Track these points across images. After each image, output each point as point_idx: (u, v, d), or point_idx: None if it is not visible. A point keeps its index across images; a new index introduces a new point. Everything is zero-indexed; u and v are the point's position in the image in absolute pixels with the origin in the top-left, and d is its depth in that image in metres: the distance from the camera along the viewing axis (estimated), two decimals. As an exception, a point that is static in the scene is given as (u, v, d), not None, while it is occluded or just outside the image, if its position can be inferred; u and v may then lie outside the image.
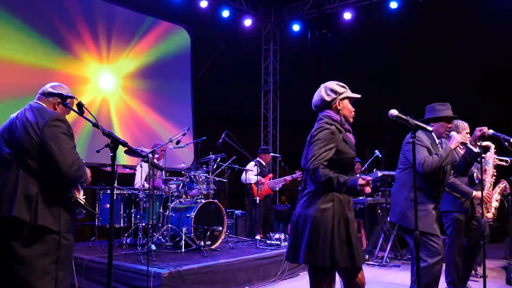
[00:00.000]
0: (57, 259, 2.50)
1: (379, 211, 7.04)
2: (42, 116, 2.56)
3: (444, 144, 3.66)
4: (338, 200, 2.62)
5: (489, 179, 4.46)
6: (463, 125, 4.49)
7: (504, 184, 4.74)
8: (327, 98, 2.81)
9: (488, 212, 4.49)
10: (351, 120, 2.84)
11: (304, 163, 2.71)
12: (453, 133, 3.58)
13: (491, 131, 4.15)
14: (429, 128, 2.98)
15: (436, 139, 3.64)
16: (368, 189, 2.45)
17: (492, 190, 4.52)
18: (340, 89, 2.82)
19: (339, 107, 2.80)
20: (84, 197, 2.73)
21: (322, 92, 2.85)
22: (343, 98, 2.81)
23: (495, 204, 4.56)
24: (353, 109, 2.85)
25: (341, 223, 2.59)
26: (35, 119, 2.55)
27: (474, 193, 4.33)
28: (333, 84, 2.85)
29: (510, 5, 8.62)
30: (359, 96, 2.86)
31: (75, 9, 7.98)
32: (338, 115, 2.79)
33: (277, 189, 7.82)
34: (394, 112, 2.91)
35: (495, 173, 4.57)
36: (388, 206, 6.61)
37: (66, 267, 2.58)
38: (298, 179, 7.18)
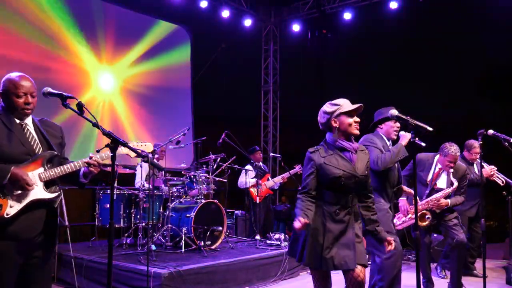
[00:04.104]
0: None
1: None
2: None
3: (390, 146, 3.89)
4: (321, 210, 2.81)
5: (438, 195, 4.55)
6: (448, 150, 4.60)
7: (428, 220, 4.66)
8: (322, 120, 2.91)
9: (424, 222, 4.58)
10: (355, 131, 2.85)
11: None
12: (402, 132, 3.79)
13: (491, 131, 4.18)
14: (429, 128, 2.98)
15: (387, 141, 3.87)
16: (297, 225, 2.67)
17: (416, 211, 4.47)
18: (331, 108, 2.86)
19: (335, 125, 2.84)
20: (19, 206, 2.47)
21: (319, 116, 2.95)
22: (337, 115, 2.84)
23: (404, 218, 4.57)
24: (355, 120, 2.84)
25: (319, 230, 2.78)
26: None
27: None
28: (325, 106, 2.91)
29: (511, 5, 8.61)
30: (355, 106, 2.83)
31: (74, 9, 7.97)
32: (336, 135, 2.85)
33: (276, 187, 7.78)
34: (394, 112, 2.93)
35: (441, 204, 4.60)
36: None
37: None
38: (298, 173, 7.14)
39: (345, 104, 2.86)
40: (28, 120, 2.65)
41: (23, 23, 7.26)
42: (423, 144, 3.45)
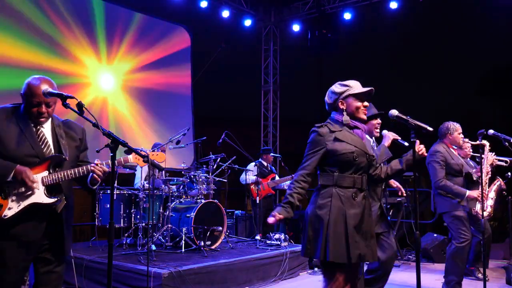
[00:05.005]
0: None
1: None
2: None
3: (374, 143, 3.78)
4: (337, 195, 2.62)
5: (484, 177, 4.49)
6: (454, 126, 4.61)
7: (499, 182, 4.75)
8: (329, 101, 2.81)
9: (483, 211, 4.51)
10: (361, 115, 2.75)
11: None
12: (385, 132, 3.65)
13: (491, 131, 4.18)
14: (429, 128, 2.98)
15: (369, 138, 3.73)
16: (271, 220, 2.58)
17: (488, 189, 4.56)
18: (340, 89, 2.76)
19: (342, 107, 2.74)
20: (17, 208, 2.47)
21: (326, 96, 2.85)
22: (345, 97, 2.74)
23: (490, 202, 4.58)
24: (363, 104, 2.74)
25: (338, 218, 2.58)
26: None
27: (468, 192, 4.38)
28: (334, 86, 2.82)
29: (510, 5, 8.62)
30: (365, 90, 2.74)
31: (74, 9, 7.97)
32: (342, 115, 2.74)
33: (285, 187, 7.74)
34: (394, 112, 2.92)
35: (490, 172, 4.61)
36: (388, 206, 6.62)
37: None
38: None
39: (355, 86, 2.75)
40: (46, 123, 2.64)
41: (23, 23, 7.26)
42: (406, 144, 3.43)
